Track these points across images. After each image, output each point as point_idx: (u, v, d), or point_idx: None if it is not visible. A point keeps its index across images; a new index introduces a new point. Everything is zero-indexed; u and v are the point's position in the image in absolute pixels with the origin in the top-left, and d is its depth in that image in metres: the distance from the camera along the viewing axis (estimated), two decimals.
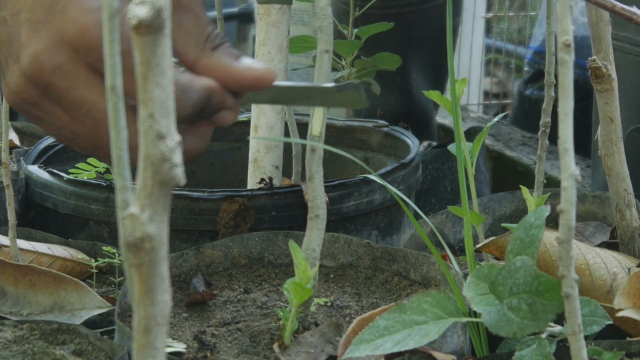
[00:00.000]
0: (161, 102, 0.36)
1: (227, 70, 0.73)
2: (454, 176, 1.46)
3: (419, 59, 1.70)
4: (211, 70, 0.73)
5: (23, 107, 0.72)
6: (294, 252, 0.77)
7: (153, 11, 0.35)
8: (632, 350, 0.74)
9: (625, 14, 0.72)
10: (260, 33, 1.12)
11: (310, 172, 0.78)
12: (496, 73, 2.69)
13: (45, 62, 0.68)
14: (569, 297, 0.50)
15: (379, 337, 0.69)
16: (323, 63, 0.77)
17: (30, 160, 1.20)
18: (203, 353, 0.76)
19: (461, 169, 0.83)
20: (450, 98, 0.84)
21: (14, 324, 0.82)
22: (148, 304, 0.37)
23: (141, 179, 0.36)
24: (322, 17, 0.76)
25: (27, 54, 0.69)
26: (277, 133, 1.13)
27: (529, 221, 0.70)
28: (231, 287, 0.91)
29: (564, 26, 0.46)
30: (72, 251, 1.02)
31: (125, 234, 0.36)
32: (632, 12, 0.72)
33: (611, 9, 0.72)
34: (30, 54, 0.69)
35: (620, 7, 0.72)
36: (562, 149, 0.47)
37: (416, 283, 0.90)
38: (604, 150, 0.92)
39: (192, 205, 1.03)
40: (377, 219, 1.11)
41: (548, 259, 0.86)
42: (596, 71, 0.89)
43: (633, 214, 0.93)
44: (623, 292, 0.73)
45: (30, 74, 0.69)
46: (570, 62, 0.46)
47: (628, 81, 1.19)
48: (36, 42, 0.68)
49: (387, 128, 1.35)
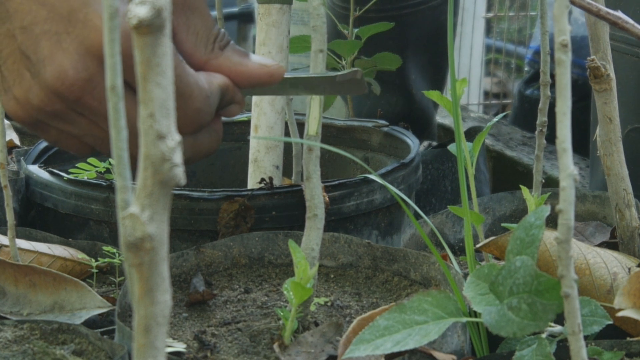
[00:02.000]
0: (161, 102, 0.36)
1: (239, 68, 0.74)
2: (454, 176, 1.46)
3: (418, 59, 1.70)
4: (223, 69, 0.74)
5: (39, 119, 0.70)
6: (294, 251, 0.77)
7: (153, 11, 0.35)
8: (632, 350, 0.74)
9: (610, 18, 0.72)
10: (261, 33, 1.12)
11: (307, 171, 0.78)
12: (496, 73, 2.69)
13: (75, 77, 0.66)
14: (568, 297, 0.50)
15: (379, 337, 0.69)
16: (317, 62, 0.77)
17: (30, 160, 1.20)
18: (203, 353, 0.76)
19: (461, 168, 0.83)
20: (451, 98, 0.84)
21: (14, 324, 0.82)
22: (148, 304, 0.37)
23: (141, 178, 0.36)
24: (316, 17, 0.76)
25: (52, 68, 0.66)
26: (278, 133, 1.14)
27: (529, 221, 0.70)
28: (231, 287, 0.91)
29: (561, 26, 0.46)
30: (73, 251, 1.02)
31: (126, 233, 0.36)
32: (617, 16, 0.72)
33: (596, 13, 0.72)
34: (55, 68, 0.66)
35: (605, 12, 0.72)
36: (561, 149, 0.47)
37: (416, 283, 0.90)
38: (603, 150, 0.92)
39: (193, 205, 1.03)
40: (377, 218, 1.11)
41: (548, 258, 0.86)
42: (595, 71, 0.89)
43: (633, 213, 0.93)
44: (623, 292, 0.73)
45: (57, 89, 0.67)
46: (567, 62, 0.46)
47: (627, 81, 1.19)
48: (61, 55, 0.66)
49: (388, 128, 1.35)
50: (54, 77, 0.67)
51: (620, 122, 0.92)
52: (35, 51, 0.67)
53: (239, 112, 0.76)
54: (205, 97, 0.70)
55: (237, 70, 0.74)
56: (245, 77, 0.74)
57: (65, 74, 0.66)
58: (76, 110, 0.69)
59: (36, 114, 0.70)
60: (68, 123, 0.70)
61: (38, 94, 0.68)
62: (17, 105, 0.69)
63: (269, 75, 0.74)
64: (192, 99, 0.69)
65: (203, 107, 0.70)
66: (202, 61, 0.73)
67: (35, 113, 0.69)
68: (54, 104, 0.68)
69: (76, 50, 0.66)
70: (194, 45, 0.73)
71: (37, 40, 0.67)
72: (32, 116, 0.70)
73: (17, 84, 0.69)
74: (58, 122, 0.70)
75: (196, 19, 0.74)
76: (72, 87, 0.67)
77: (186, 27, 0.73)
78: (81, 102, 0.68)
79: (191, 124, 0.70)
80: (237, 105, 0.75)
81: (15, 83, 0.69)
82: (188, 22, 0.73)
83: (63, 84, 0.67)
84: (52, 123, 0.70)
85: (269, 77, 0.74)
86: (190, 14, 0.74)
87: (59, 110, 0.69)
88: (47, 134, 0.72)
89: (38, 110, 0.69)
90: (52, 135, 0.72)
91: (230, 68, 0.74)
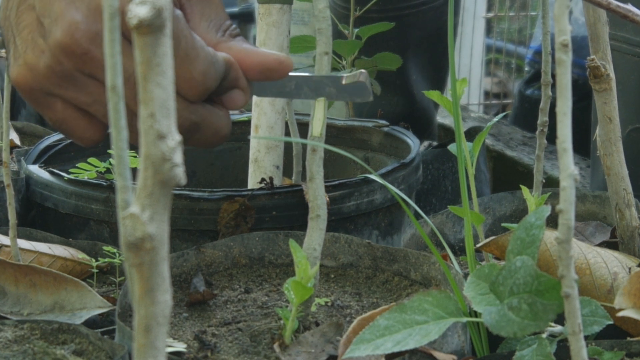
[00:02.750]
0: (162, 102, 0.36)
1: (249, 53, 0.75)
2: (454, 176, 1.46)
3: (418, 59, 1.70)
4: (232, 52, 0.75)
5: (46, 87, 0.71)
6: (295, 251, 0.77)
7: (154, 11, 0.35)
8: (632, 350, 0.74)
9: (620, 11, 0.72)
10: (261, 33, 1.12)
11: (311, 172, 0.78)
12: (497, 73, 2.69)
13: (83, 30, 0.68)
14: (568, 297, 0.50)
15: (380, 337, 0.69)
16: (323, 65, 0.77)
17: (30, 159, 1.20)
18: (203, 353, 0.76)
19: (462, 168, 0.83)
20: (451, 98, 0.84)
21: (15, 324, 0.82)
22: (149, 304, 0.37)
23: (142, 178, 0.36)
24: (321, 20, 0.76)
25: (63, 24, 0.69)
26: (278, 133, 1.14)
27: (529, 221, 0.70)
28: (232, 287, 0.91)
29: (561, 26, 0.46)
30: (73, 251, 1.02)
31: (126, 233, 0.36)
32: (627, 9, 0.72)
33: (606, 6, 0.72)
34: (66, 24, 0.69)
35: (615, 5, 0.72)
36: (561, 149, 0.47)
37: (417, 283, 0.90)
38: (603, 150, 0.92)
39: (193, 205, 1.03)
40: (377, 218, 1.11)
41: (549, 258, 0.86)
42: (594, 71, 0.89)
43: (633, 213, 0.93)
44: (624, 292, 0.73)
45: (67, 43, 0.69)
46: (568, 62, 0.46)
47: (627, 81, 1.19)
48: (73, 12, 0.69)
49: (388, 128, 1.35)
50: (64, 32, 0.69)
51: (620, 122, 0.92)
52: (50, 14, 0.70)
53: (243, 101, 0.76)
54: (210, 62, 0.71)
55: (247, 54, 0.75)
56: (253, 61, 0.75)
57: (75, 26, 0.69)
58: (84, 72, 0.70)
59: (44, 80, 0.71)
60: (76, 88, 0.71)
61: (47, 55, 0.70)
62: (27, 70, 0.71)
63: (277, 62, 0.75)
64: (198, 61, 0.70)
65: (208, 70, 0.71)
66: (212, 44, 0.75)
67: (43, 78, 0.71)
68: (63, 63, 0.70)
69: (87, 6, 0.69)
70: (206, 30, 0.76)
71: (52, 4, 0.70)
72: (40, 82, 0.71)
73: (30, 50, 0.71)
74: (66, 90, 0.71)
75: (211, 10, 0.76)
76: (81, 40, 0.69)
77: (200, 15, 0.76)
78: (89, 56, 0.69)
79: (197, 87, 0.71)
80: (240, 92, 0.75)
81: (28, 49, 0.71)
82: (203, 10, 0.76)
83: (72, 37, 0.69)
84: (59, 91, 0.72)
85: (277, 63, 0.75)
86: (206, 4, 0.76)
87: (67, 71, 0.70)
88: (53, 110, 0.73)
89: (46, 73, 0.71)
90: (58, 111, 0.73)
91: (239, 52, 0.75)
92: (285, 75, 0.75)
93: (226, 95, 0.75)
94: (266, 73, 0.75)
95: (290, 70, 0.75)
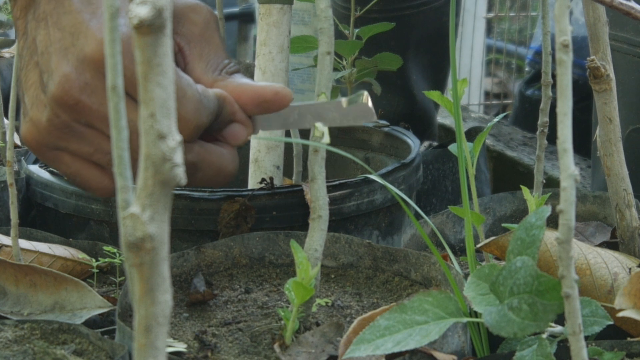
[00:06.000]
0: (162, 101, 0.36)
1: (245, 87, 0.75)
2: (454, 176, 1.46)
3: (419, 59, 1.70)
4: (229, 88, 0.75)
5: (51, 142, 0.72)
6: (296, 251, 0.77)
7: (154, 11, 0.35)
8: (632, 350, 0.74)
9: (623, 8, 0.72)
10: (261, 33, 1.12)
11: (313, 173, 0.78)
12: (497, 73, 2.69)
13: (73, 80, 0.69)
14: (568, 297, 0.50)
15: (380, 337, 0.69)
16: (325, 65, 0.77)
17: (31, 159, 1.21)
18: (204, 353, 0.76)
19: (462, 169, 0.83)
20: (451, 98, 0.84)
21: (15, 324, 0.82)
22: (149, 304, 0.37)
23: (142, 178, 0.36)
24: (323, 19, 0.76)
25: (56, 77, 0.70)
26: (278, 133, 1.14)
27: (529, 221, 0.70)
28: (232, 287, 0.91)
29: (561, 26, 0.46)
30: (73, 251, 1.02)
31: (126, 233, 0.36)
32: (630, 6, 0.72)
33: (609, 3, 0.72)
34: (58, 77, 0.70)
35: (618, 2, 0.72)
36: (561, 149, 0.47)
37: (417, 283, 0.90)
38: (603, 151, 0.92)
39: (193, 205, 1.03)
40: (377, 219, 1.11)
41: (549, 258, 0.86)
42: (594, 71, 0.89)
43: (633, 213, 0.93)
44: (624, 293, 0.73)
45: (59, 95, 0.70)
46: (568, 63, 0.46)
47: (628, 81, 1.19)
48: (64, 65, 0.70)
49: (388, 128, 1.35)
50: (57, 85, 0.70)
51: (621, 123, 0.92)
52: (48, 69, 0.71)
53: (245, 135, 0.76)
54: (198, 99, 0.71)
55: (243, 89, 0.75)
56: (250, 95, 0.74)
57: (65, 78, 0.70)
58: (80, 122, 0.71)
59: (46, 134, 0.72)
60: (76, 139, 0.72)
61: (48, 109, 0.71)
62: (32, 126, 0.73)
63: (273, 94, 0.74)
64: (185, 99, 0.70)
65: (197, 107, 0.71)
66: (209, 83, 0.75)
67: (46, 132, 0.72)
68: (60, 115, 0.71)
69: (77, 57, 0.70)
70: (204, 71, 0.76)
71: (50, 57, 0.71)
72: (44, 137, 0.73)
73: (35, 106, 0.73)
74: (68, 142, 0.72)
75: (210, 50, 0.76)
76: (71, 91, 0.70)
77: (199, 57, 0.76)
78: (81, 106, 0.70)
79: (188, 125, 0.71)
80: (240, 125, 0.75)
81: (33, 106, 0.73)
82: (201, 52, 0.76)
83: (63, 89, 0.70)
84: (62, 144, 0.73)
85: (273, 95, 0.74)
86: (206, 45, 0.76)
87: (65, 122, 0.71)
88: (63, 164, 0.74)
89: (48, 127, 0.72)
90: (67, 164, 0.74)
91: (235, 87, 0.75)
92: (284, 106, 0.75)
93: (226, 130, 0.75)
94: (263, 105, 0.75)
95: (290, 100, 0.75)
